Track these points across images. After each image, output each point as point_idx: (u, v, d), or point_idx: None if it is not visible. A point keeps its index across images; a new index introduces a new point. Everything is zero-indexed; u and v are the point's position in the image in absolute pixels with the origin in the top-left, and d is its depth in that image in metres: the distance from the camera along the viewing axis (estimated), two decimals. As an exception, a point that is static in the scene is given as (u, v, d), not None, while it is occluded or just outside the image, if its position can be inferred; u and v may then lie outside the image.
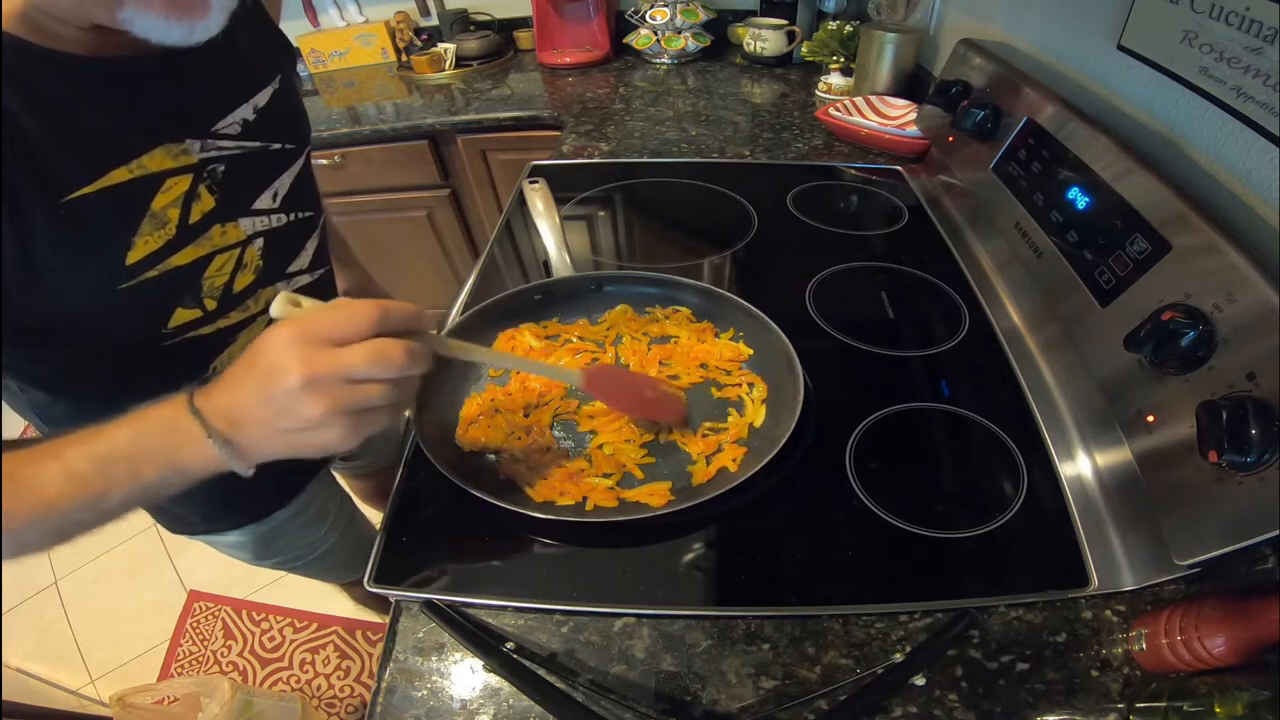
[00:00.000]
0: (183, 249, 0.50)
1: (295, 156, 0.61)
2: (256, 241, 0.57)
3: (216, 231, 0.52)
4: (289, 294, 0.39)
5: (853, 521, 0.57)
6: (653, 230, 1.01)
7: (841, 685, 0.47)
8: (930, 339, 0.76)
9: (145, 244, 0.47)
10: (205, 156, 0.50)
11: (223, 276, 0.54)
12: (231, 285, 0.55)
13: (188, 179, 0.49)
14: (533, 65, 1.78)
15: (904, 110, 1.20)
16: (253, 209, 0.56)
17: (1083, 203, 0.66)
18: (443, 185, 1.68)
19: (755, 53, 1.60)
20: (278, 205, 0.59)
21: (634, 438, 0.63)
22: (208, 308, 0.53)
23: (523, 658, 0.49)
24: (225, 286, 0.54)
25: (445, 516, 0.58)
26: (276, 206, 0.58)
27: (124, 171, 0.45)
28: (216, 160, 0.51)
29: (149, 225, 0.47)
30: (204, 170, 0.50)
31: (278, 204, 0.59)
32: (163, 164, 0.47)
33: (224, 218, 0.53)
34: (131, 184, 0.45)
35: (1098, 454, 0.60)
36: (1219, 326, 0.47)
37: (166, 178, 0.47)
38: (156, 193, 0.47)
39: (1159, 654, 0.45)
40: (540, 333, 0.73)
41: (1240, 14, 0.56)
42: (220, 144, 0.51)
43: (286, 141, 0.59)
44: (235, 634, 1.56)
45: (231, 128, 0.52)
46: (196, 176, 0.50)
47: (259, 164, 0.56)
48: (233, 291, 0.55)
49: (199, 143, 0.50)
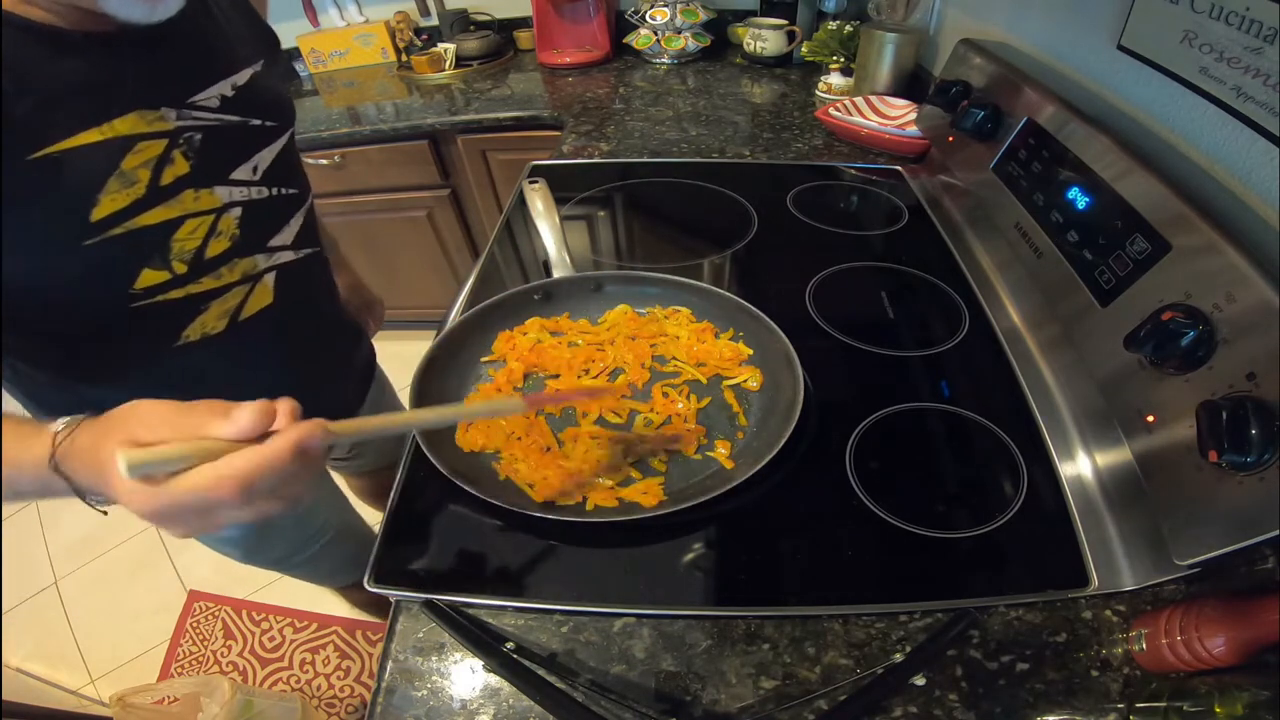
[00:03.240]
0: (151, 209, 0.51)
1: (278, 134, 0.62)
2: (233, 210, 0.57)
3: (189, 196, 0.53)
4: (127, 454, 0.33)
5: (853, 521, 0.57)
6: (653, 230, 1.01)
7: (841, 685, 0.47)
8: (930, 339, 0.76)
9: (111, 201, 0.48)
10: (182, 124, 0.52)
11: (194, 241, 0.55)
12: (203, 250, 0.56)
13: (161, 143, 0.50)
14: (533, 65, 1.78)
15: (904, 110, 1.20)
16: (230, 178, 0.57)
17: (1083, 203, 0.66)
18: (443, 185, 1.68)
19: (755, 53, 1.60)
20: (258, 178, 0.60)
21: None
22: (176, 270, 0.54)
23: (523, 658, 0.49)
24: (196, 251, 0.55)
25: (445, 516, 0.58)
26: (257, 179, 0.60)
27: (95, 133, 0.46)
28: (193, 129, 0.53)
29: (116, 183, 0.48)
30: (179, 136, 0.52)
31: (258, 177, 0.60)
32: (135, 127, 0.48)
33: (198, 184, 0.54)
34: (102, 144, 0.47)
35: (1098, 454, 0.60)
36: (1219, 326, 0.47)
37: (139, 140, 0.49)
38: (127, 154, 0.48)
39: (1159, 654, 0.45)
40: (550, 326, 0.74)
41: (1240, 14, 0.56)
42: (197, 114, 0.53)
43: (268, 119, 0.61)
44: (235, 634, 1.56)
45: (210, 100, 0.54)
46: (171, 142, 0.51)
47: (238, 137, 0.58)
48: (204, 257, 0.56)
49: (175, 111, 0.51)
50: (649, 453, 0.62)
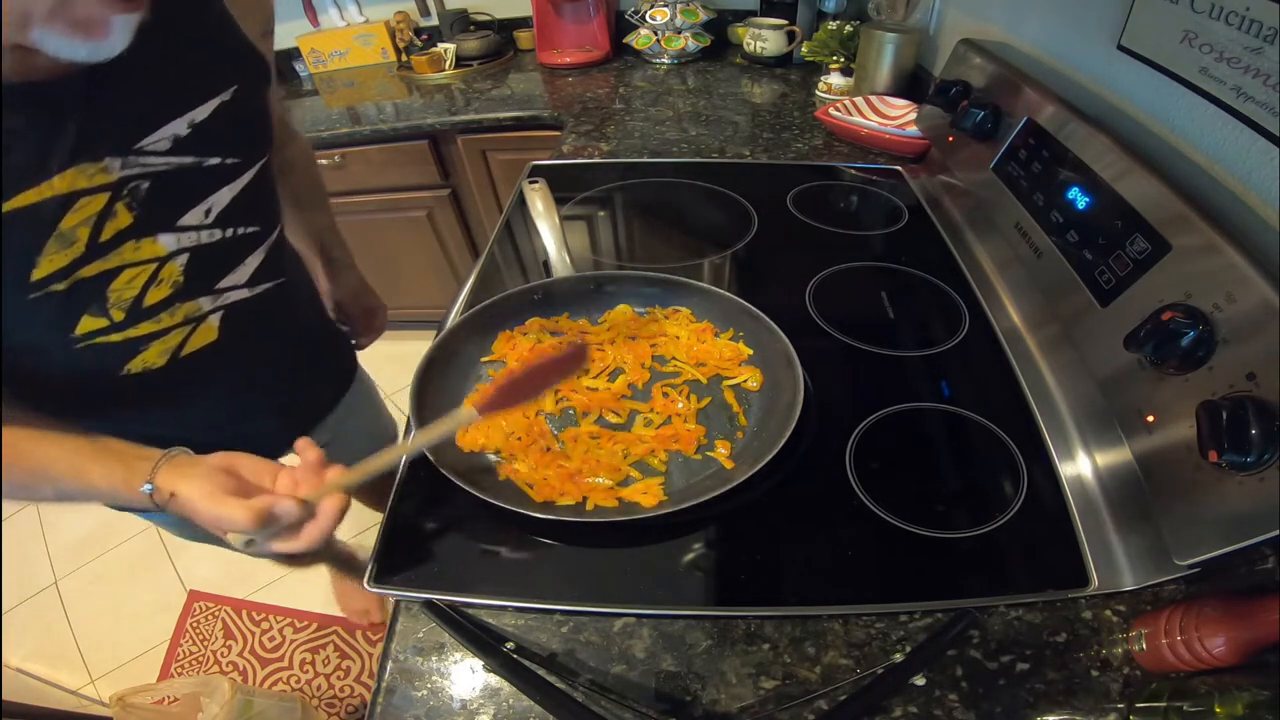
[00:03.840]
0: (91, 263, 0.50)
1: (241, 170, 0.59)
2: (178, 258, 0.56)
3: (129, 247, 0.52)
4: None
5: (853, 521, 0.57)
6: (653, 230, 1.01)
7: (841, 685, 0.47)
8: (930, 339, 0.76)
9: (50, 262, 0.48)
10: (127, 174, 0.50)
11: (131, 290, 0.54)
12: (141, 298, 0.55)
13: (103, 198, 0.49)
14: (533, 65, 1.78)
15: (904, 110, 1.20)
16: (178, 225, 0.55)
17: (1083, 203, 0.66)
18: (443, 185, 1.68)
19: (755, 53, 1.60)
20: (211, 221, 0.57)
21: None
22: (114, 318, 0.54)
23: (523, 658, 0.49)
24: (134, 299, 0.54)
25: (445, 517, 0.58)
26: (209, 222, 0.57)
27: (33, 194, 0.45)
28: (139, 177, 0.51)
29: (55, 245, 0.47)
30: (124, 188, 0.50)
31: (211, 220, 0.57)
32: (74, 184, 0.47)
33: (140, 234, 0.52)
34: (40, 206, 0.46)
35: (1098, 454, 0.60)
36: (1219, 326, 0.47)
37: (79, 198, 0.47)
38: (66, 212, 0.47)
39: (1159, 654, 0.45)
40: (550, 326, 0.74)
41: (1240, 14, 0.56)
42: (145, 160, 0.51)
43: (230, 156, 0.57)
44: (235, 634, 1.56)
45: (159, 144, 0.51)
46: (114, 195, 0.49)
47: (191, 180, 0.55)
48: (142, 305, 0.55)
49: (120, 160, 0.49)
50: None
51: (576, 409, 0.66)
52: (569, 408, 0.67)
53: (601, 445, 0.62)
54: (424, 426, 0.54)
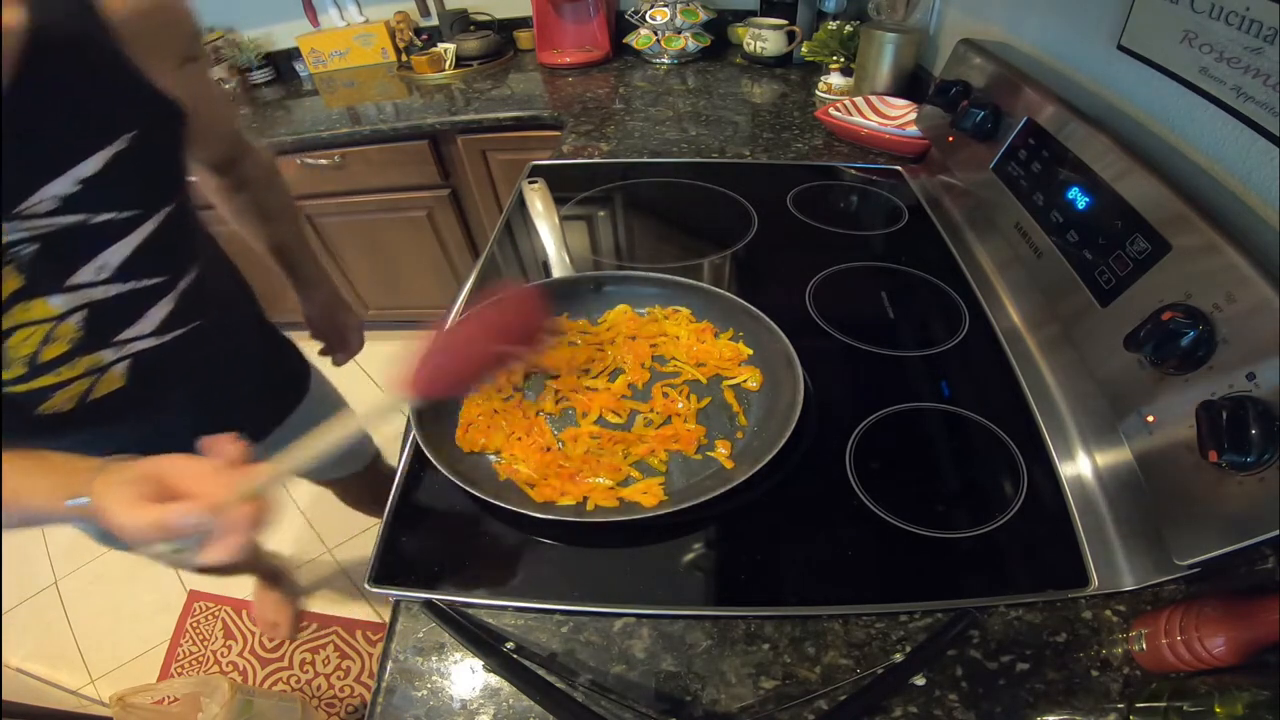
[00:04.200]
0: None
1: (139, 222, 0.56)
2: (73, 316, 0.54)
3: (19, 309, 0.51)
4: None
5: (853, 521, 0.57)
6: (653, 230, 1.01)
7: (841, 685, 0.47)
8: (930, 339, 0.76)
9: None
10: (11, 239, 0.48)
11: (28, 347, 0.53)
12: (38, 355, 0.54)
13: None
14: (533, 65, 1.78)
15: (904, 110, 1.20)
16: (68, 285, 0.53)
17: (1083, 203, 0.66)
18: (443, 185, 1.68)
19: (755, 53, 1.60)
20: (107, 276, 0.55)
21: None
22: (17, 372, 0.53)
23: (523, 658, 0.49)
24: (31, 355, 0.54)
25: (445, 517, 0.58)
26: (105, 278, 0.55)
27: None
28: (25, 240, 0.49)
29: None
30: (7, 252, 0.48)
31: (108, 275, 0.55)
32: None
33: (30, 295, 0.51)
34: None
35: (1098, 454, 0.60)
36: (1219, 326, 0.47)
37: None
38: None
39: (1159, 654, 0.45)
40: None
41: (1240, 14, 0.56)
42: (29, 224, 0.48)
43: (126, 208, 0.54)
44: (235, 634, 1.56)
45: (40, 206, 0.48)
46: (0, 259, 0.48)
47: (80, 238, 0.52)
48: (38, 361, 0.54)
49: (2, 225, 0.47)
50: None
51: (576, 409, 0.66)
52: (569, 408, 0.67)
53: (602, 445, 0.62)
54: (366, 418, 0.50)
